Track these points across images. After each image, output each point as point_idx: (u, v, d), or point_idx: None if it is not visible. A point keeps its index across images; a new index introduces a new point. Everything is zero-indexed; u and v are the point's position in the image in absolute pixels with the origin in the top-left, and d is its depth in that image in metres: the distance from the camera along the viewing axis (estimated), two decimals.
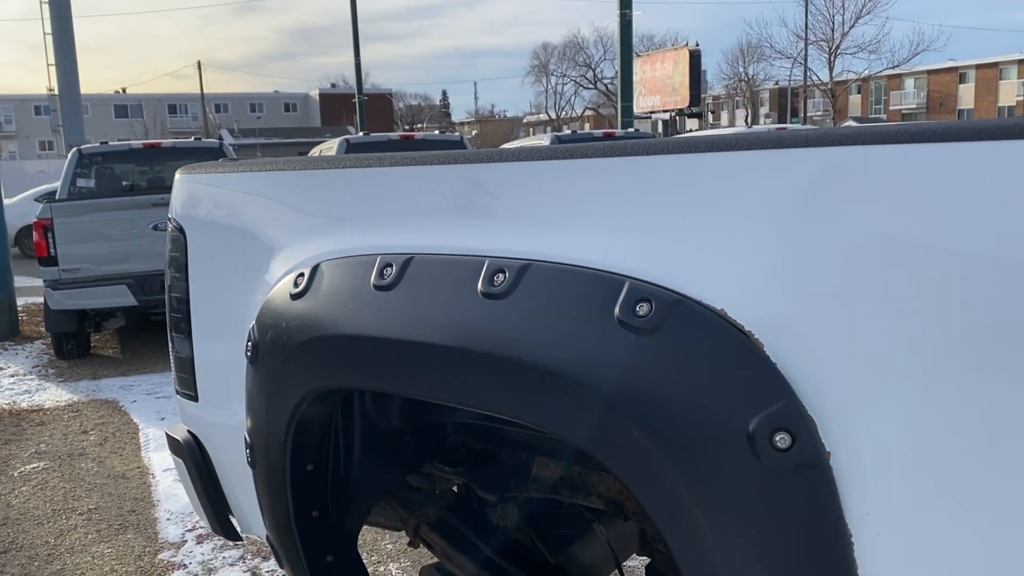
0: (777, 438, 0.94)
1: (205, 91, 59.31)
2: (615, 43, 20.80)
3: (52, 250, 6.92)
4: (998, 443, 0.86)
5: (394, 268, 1.32)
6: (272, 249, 1.63)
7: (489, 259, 1.21)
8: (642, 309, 1.04)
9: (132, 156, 8.65)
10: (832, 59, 42.43)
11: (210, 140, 9.22)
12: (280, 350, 1.50)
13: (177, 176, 1.97)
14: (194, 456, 1.96)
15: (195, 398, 1.92)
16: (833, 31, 42.36)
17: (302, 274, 1.48)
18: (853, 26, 41.97)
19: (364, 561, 3.57)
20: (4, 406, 6.29)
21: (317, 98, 68.94)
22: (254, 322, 1.59)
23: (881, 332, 0.91)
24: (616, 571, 1.93)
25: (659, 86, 45.97)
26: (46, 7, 21.16)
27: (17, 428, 5.75)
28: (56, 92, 23.44)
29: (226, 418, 1.80)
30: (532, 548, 1.99)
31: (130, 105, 65.20)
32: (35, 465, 5.00)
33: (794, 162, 0.98)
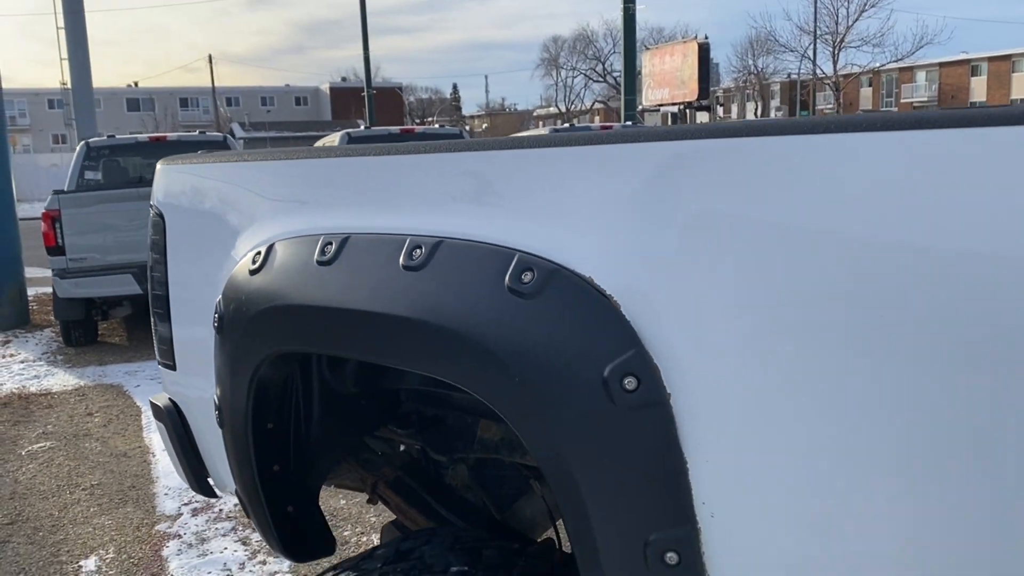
0: (626, 381, 1.13)
1: (217, 84, 59.72)
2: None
3: (60, 240, 7.16)
4: (803, 385, 1.05)
5: (334, 246, 1.52)
6: (237, 231, 1.82)
7: (410, 237, 1.41)
8: (526, 277, 1.23)
9: (138, 149, 8.87)
10: (836, 52, 42.36)
11: (214, 133, 9.44)
12: (240, 319, 1.70)
13: (158, 166, 2.16)
14: (174, 421, 2.16)
15: (174, 368, 2.12)
16: (837, 24, 42.28)
17: (259, 252, 1.68)
18: (858, 19, 41.90)
19: (348, 532, 3.79)
20: (14, 390, 6.53)
21: (328, 92, 69.24)
22: (220, 296, 1.79)
23: (710, 295, 1.10)
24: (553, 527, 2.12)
25: (668, 79, 45.91)
26: (59, 2, 21.45)
27: (26, 411, 5.99)
28: (69, 86, 23.75)
29: (200, 385, 2.00)
30: (482, 506, 2.18)
31: (142, 99, 65.64)
32: (42, 444, 5.23)
33: (644, 154, 1.17)
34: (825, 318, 1.03)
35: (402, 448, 2.25)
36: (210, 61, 57.66)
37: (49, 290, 9.22)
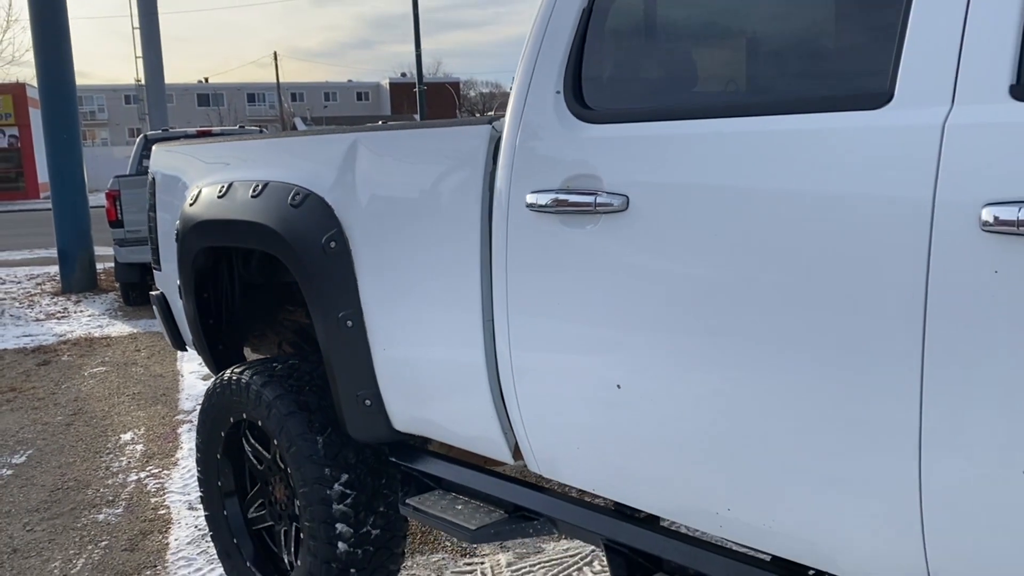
0: (332, 243, 2.45)
1: (284, 80, 62.15)
2: None
3: (120, 215, 8.72)
4: (401, 249, 2.35)
5: (225, 188, 2.86)
6: (187, 185, 3.18)
7: (255, 181, 2.74)
8: (296, 199, 2.56)
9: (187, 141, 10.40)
10: None
11: (252, 127, 10.94)
12: (186, 231, 3.05)
13: (154, 148, 3.55)
14: (161, 302, 3.55)
15: (160, 268, 3.50)
16: None
17: (195, 194, 3.03)
18: None
19: None
20: (82, 335, 8.09)
21: (388, 87, 71.32)
22: (178, 221, 3.15)
23: (366, 206, 2.41)
24: None
25: None
26: (135, 5, 23.26)
27: (90, 348, 7.54)
28: (143, 83, 25.59)
29: (172, 277, 3.37)
30: None
31: (212, 94, 68.63)
32: (100, 369, 6.75)
33: (341, 140, 2.48)
34: (414, 223, 2.33)
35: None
36: (275, 58, 60.07)
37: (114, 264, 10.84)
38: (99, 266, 11.07)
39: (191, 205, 3.04)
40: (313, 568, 2.65)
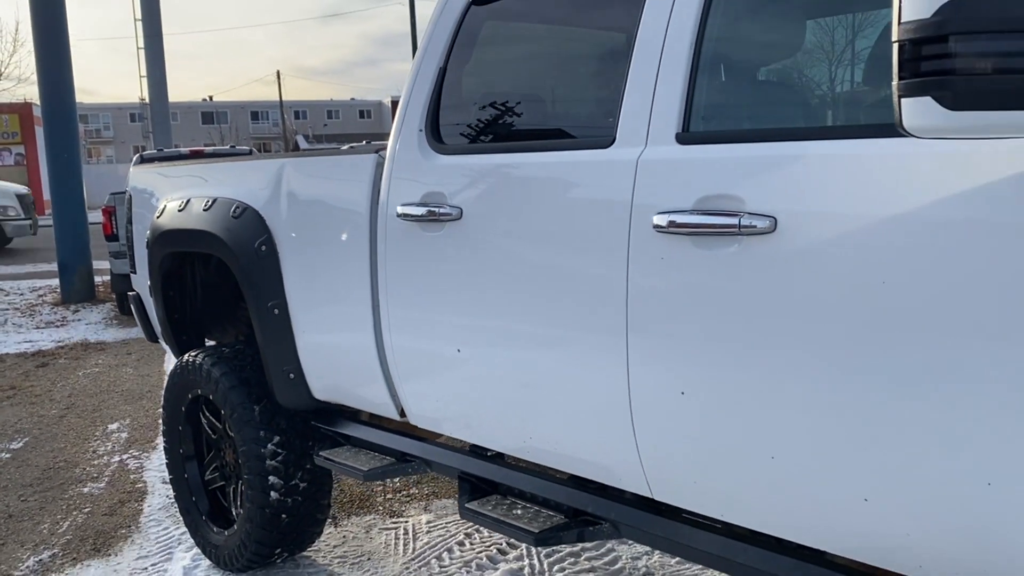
0: (263, 247, 3.06)
1: (287, 98, 63.12)
2: None
3: (115, 229, 9.35)
4: (314, 248, 2.96)
5: (185, 203, 3.47)
6: (158, 200, 3.80)
7: (207, 197, 3.35)
8: (237, 212, 3.16)
9: (181, 160, 11.06)
10: None
11: (243, 147, 11.59)
12: (154, 239, 3.66)
13: (131, 168, 4.16)
14: (137, 302, 4.16)
15: (135, 272, 4.11)
16: None
17: (162, 208, 3.64)
18: None
19: None
20: (79, 341, 8.71)
21: (389, 105, 72.24)
22: (149, 232, 3.75)
23: (287, 218, 3.02)
24: None
25: None
26: (140, 25, 23.99)
27: (85, 352, 8.15)
28: (147, 101, 26.23)
29: (145, 279, 3.97)
30: None
31: (216, 112, 69.61)
32: (93, 370, 7.36)
33: (273, 164, 3.09)
34: (322, 231, 2.94)
35: None
36: (278, 77, 61.13)
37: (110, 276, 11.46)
38: (97, 278, 11.70)
39: (158, 217, 3.65)
40: (251, 513, 3.24)
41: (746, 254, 1.72)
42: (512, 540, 3.51)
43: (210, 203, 3.31)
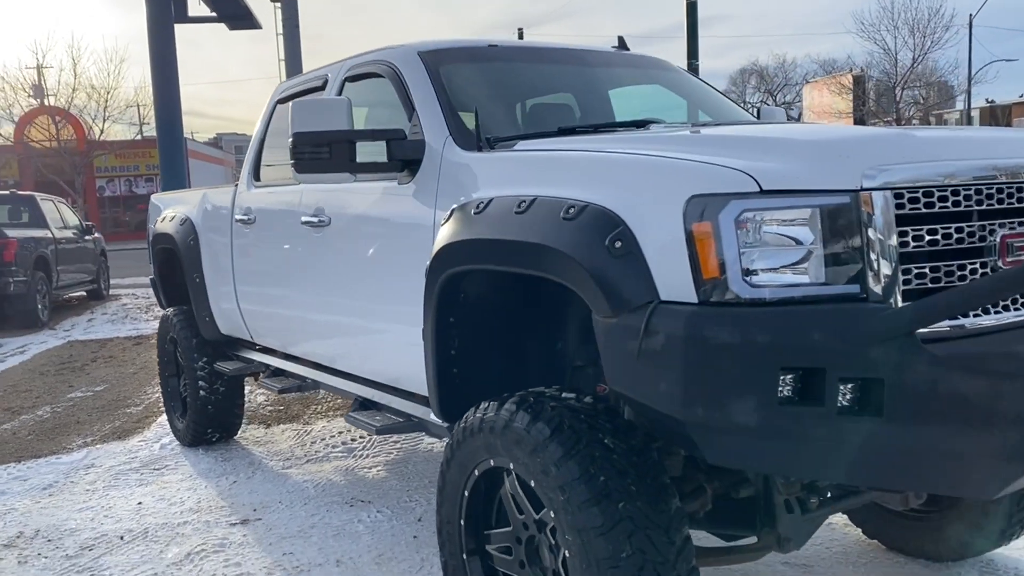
0: (191, 241, 5.14)
1: None
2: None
3: None
4: (218, 243, 5.01)
5: (178, 217, 5.60)
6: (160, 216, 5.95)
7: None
8: (247, 216, 5.24)
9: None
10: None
11: None
12: (153, 241, 5.81)
13: (152, 198, 6.37)
14: (154, 284, 6.34)
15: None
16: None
17: (175, 217, 5.79)
18: None
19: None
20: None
21: None
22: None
23: (203, 222, 5.09)
24: None
25: (824, 111, 47.05)
26: (283, 64, 27.03)
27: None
28: None
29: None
30: None
31: None
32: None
33: (198, 192, 5.17)
34: (218, 234, 5.00)
35: None
36: None
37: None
38: None
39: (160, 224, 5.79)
40: (191, 406, 5.31)
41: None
42: (366, 432, 5.43)
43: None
